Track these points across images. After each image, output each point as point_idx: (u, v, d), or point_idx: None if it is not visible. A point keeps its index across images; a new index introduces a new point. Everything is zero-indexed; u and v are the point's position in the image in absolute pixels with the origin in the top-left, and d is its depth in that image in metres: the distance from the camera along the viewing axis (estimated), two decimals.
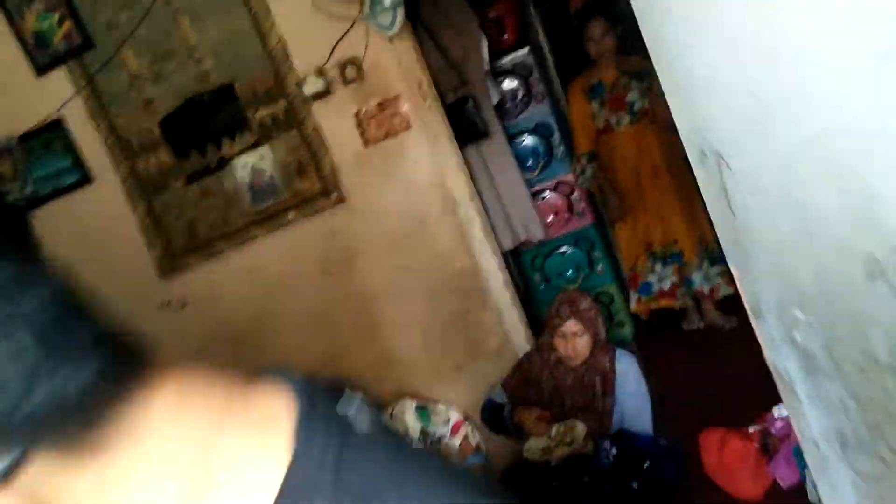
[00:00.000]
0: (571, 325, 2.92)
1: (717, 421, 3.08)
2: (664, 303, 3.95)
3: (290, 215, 3.31)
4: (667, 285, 3.91)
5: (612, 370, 2.95)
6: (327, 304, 3.39)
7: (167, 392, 0.54)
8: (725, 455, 2.82)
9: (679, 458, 2.89)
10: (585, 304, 2.98)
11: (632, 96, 3.79)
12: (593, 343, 2.95)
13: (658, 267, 3.90)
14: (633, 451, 2.88)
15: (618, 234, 4.07)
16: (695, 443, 3.06)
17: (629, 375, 2.96)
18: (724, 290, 3.82)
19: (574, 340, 2.93)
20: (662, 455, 2.87)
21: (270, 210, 3.32)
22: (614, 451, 2.84)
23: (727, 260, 1.15)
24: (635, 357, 3.03)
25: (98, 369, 0.47)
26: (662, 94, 3.10)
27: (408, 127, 3.15)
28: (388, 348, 3.43)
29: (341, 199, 3.27)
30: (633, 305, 4.06)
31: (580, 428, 2.87)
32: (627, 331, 4.34)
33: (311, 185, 3.27)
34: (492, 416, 3.14)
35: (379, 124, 3.14)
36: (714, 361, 3.67)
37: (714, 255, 3.78)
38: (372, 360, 3.42)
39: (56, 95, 3.28)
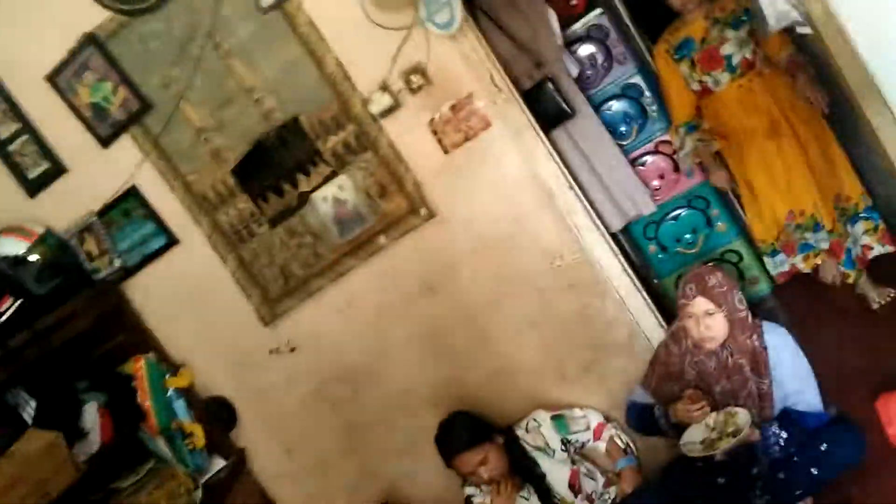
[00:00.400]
0: (701, 304, 2.62)
1: (884, 384, 2.77)
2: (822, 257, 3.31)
3: (382, 240, 3.14)
4: (825, 245, 3.28)
5: (763, 347, 2.64)
6: (435, 324, 3.22)
7: None
8: None
9: (857, 433, 2.57)
10: (714, 279, 2.65)
11: (728, 48, 3.22)
12: (730, 321, 2.64)
13: (808, 234, 3.29)
14: (805, 433, 2.60)
15: (745, 208, 3.57)
16: (866, 411, 2.76)
17: (783, 350, 2.65)
18: (878, 249, 3.31)
19: (706, 320, 2.62)
20: (839, 432, 2.57)
21: (360, 238, 3.16)
22: (784, 434, 2.56)
23: None
24: (784, 327, 2.71)
25: None
26: (767, 36, 2.68)
27: (487, 125, 2.92)
28: (507, 359, 3.23)
29: (431, 214, 3.07)
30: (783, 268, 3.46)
31: (743, 415, 2.57)
32: (763, 287, 4.00)
33: (398, 206, 3.09)
34: (640, 419, 2.90)
35: (456, 128, 2.92)
36: (860, 318, 3.34)
37: (857, 211, 3.30)
38: (492, 375, 3.24)
39: (124, 163, 3.19)
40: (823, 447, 2.54)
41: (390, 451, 3.40)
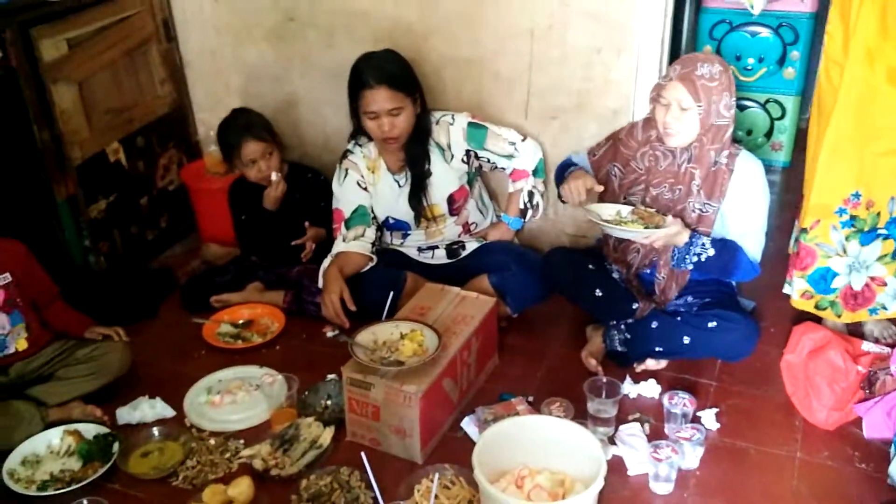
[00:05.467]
0: (677, 93, 2.11)
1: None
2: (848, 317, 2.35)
3: None
4: (859, 282, 2.29)
5: (730, 169, 2.19)
6: None
7: None
8: (820, 362, 2.13)
9: (753, 334, 2.25)
10: (707, 69, 2.09)
11: None
12: (703, 123, 2.13)
13: (853, 244, 2.25)
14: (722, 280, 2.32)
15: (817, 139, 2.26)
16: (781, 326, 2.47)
17: (749, 182, 2.20)
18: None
19: (676, 112, 2.12)
20: (737, 321, 2.23)
21: None
22: (711, 252, 2.19)
23: None
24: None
25: None
26: None
27: None
28: (486, 54, 2.75)
29: None
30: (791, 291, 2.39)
31: (670, 222, 2.18)
32: (782, 157, 3.49)
33: None
34: (562, 172, 2.46)
35: None
36: None
37: None
38: (458, 58, 2.79)
39: None
40: (712, 324, 2.22)
41: (313, 64, 2.98)
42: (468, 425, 2.14)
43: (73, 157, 2.72)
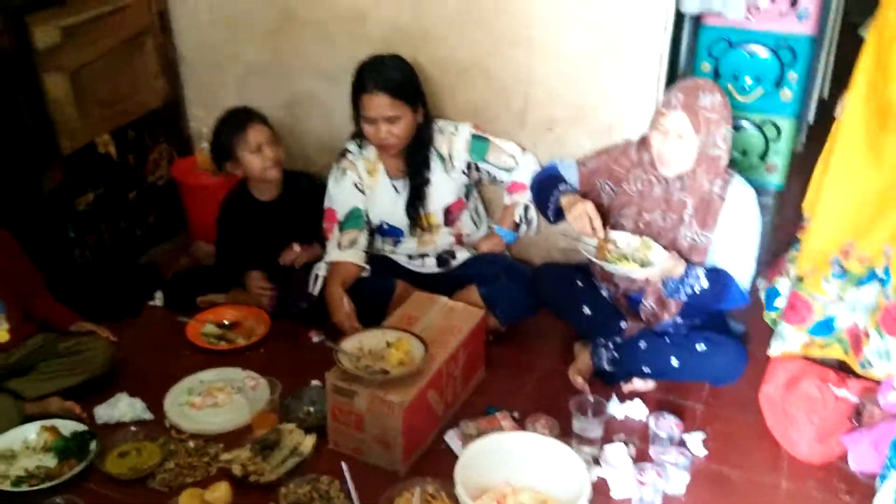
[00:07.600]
0: (678, 123, 2.09)
1: None
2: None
3: None
4: (863, 321, 2.10)
5: (721, 197, 2.18)
6: None
7: None
8: (796, 393, 2.10)
9: (740, 360, 2.23)
10: (709, 99, 2.08)
11: None
12: (700, 154, 2.13)
13: (851, 292, 2.11)
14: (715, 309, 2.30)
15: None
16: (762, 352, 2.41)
17: (741, 210, 2.18)
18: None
19: (674, 142, 2.11)
20: (725, 346, 2.23)
21: None
22: (706, 284, 2.16)
23: None
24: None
25: None
26: None
27: None
28: (487, 63, 2.71)
29: None
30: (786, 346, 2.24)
31: (658, 252, 2.18)
32: (775, 179, 3.48)
33: None
34: (546, 180, 2.42)
35: None
36: None
37: None
38: (463, 67, 2.75)
39: None
40: (700, 347, 2.22)
41: (311, 64, 2.95)
42: (452, 439, 2.11)
43: (62, 148, 2.68)
